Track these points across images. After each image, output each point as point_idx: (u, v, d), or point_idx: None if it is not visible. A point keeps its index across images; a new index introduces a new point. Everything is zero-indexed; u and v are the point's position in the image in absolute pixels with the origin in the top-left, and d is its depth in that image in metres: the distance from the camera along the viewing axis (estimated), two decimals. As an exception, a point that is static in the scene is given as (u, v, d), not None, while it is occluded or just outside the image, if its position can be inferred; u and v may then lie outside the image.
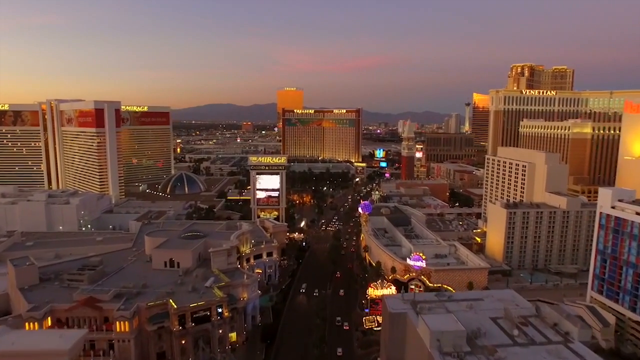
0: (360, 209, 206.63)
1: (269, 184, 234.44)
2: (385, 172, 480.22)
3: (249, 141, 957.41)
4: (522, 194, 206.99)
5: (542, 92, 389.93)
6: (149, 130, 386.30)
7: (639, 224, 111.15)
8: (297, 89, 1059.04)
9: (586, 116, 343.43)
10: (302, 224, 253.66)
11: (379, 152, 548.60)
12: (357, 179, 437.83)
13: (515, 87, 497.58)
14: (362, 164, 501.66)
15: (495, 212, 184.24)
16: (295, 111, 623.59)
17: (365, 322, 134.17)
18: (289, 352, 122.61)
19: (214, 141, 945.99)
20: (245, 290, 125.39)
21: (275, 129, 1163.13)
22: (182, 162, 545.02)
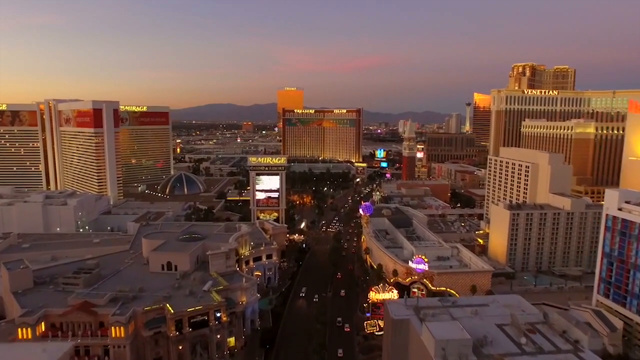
0: (361, 211, 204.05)
1: (268, 184, 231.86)
2: (386, 173, 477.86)
3: (249, 141, 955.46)
4: (525, 195, 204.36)
5: (544, 92, 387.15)
6: (148, 130, 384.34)
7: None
8: (298, 89, 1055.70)
9: (588, 116, 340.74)
10: (302, 225, 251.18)
11: (380, 152, 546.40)
12: (358, 179, 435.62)
13: (516, 87, 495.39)
14: (363, 164, 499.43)
15: (498, 213, 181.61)
16: (295, 111, 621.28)
17: (366, 326, 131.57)
18: (288, 357, 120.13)
19: (214, 141, 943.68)
20: (244, 293, 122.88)
21: (275, 129, 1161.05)
22: (181, 162, 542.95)
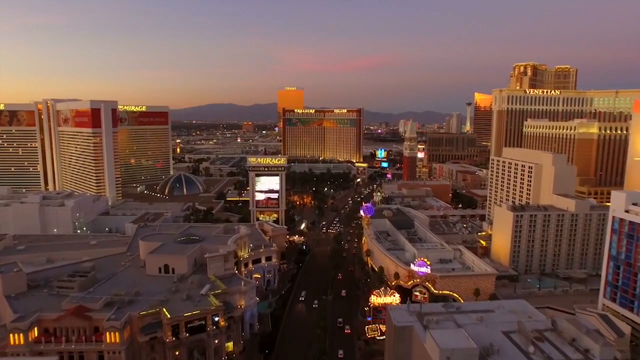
0: (362, 212, 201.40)
1: (268, 185, 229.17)
2: (386, 173, 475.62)
3: (250, 141, 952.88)
4: (528, 196, 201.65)
5: (546, 92, 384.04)
6: (148, 130, 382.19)
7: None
8: (298, 89, 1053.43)
9: (591, 116, 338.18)
10: (303, 226, 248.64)
11: (380, 152, 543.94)
12: (359, 180, 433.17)
13: (518, 87, 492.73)
14: (364, 164, 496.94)
15: (501, 215, 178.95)
16: (295, 111, 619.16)
17: (367, 330, 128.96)
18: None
19: (214, 141, 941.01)
20: (242, 297, 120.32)
21: (276, 128, 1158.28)
22: (181, 162, 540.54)
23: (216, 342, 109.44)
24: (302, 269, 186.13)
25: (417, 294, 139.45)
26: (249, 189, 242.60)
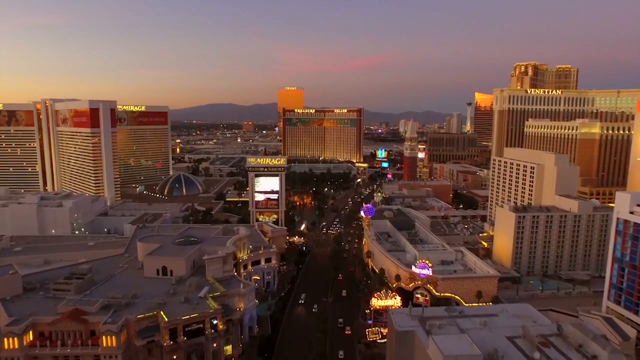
0: (362, 213, 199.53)
1: (267, 186, 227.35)
2: (387, 173, 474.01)
3: (250, 141, 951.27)
4: (530, 197, 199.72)
5: (547, 92, 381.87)
6: (147, 130, 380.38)
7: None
8: (298, 89, 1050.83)
9: (592, 116, 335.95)
10: (303, 227, 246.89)
11: (381, 153, 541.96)
12: (359, 180, 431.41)
13: (518, 86, 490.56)
14: (364, 164, 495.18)
15: (503, 215, 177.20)
16: (296, 111, 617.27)
17: (368, 333, 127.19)
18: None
19: (214, 141, 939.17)
20: (241, 300, 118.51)
21: (276, 128, 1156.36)
22: (180, 162, 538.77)
23: (215, 345, 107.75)
24: (302, 270, 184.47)
25: (419, 296, 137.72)
26: (248, 189, 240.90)
